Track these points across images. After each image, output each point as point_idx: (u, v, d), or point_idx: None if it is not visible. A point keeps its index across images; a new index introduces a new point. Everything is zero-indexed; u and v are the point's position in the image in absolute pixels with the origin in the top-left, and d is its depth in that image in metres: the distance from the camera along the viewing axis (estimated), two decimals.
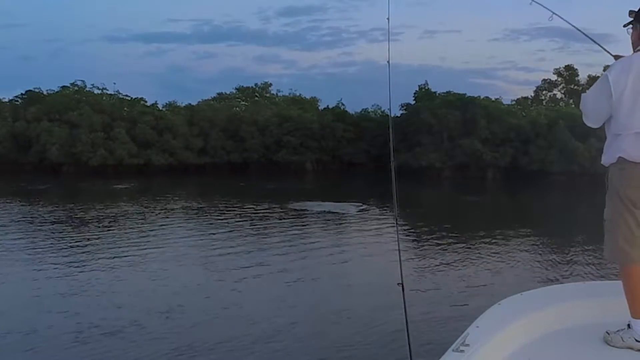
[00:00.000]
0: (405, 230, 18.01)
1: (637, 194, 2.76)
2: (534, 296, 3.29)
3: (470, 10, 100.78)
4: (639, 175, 2.74)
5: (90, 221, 19.50)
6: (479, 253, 14.43)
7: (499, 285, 11.07)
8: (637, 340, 2.73)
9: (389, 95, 4.86)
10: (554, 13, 3.88)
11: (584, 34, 3.90)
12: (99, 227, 18.39)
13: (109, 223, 19.21)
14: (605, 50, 3.37)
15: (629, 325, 2.79)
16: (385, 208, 22.82)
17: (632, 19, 2.84)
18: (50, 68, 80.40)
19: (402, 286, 2.88)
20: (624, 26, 2.89)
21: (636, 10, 2.81)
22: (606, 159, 2.89)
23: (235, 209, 23.09)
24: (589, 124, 2.93)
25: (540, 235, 17.16)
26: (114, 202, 25.03)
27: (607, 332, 2.83)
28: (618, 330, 2.79)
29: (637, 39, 2.81)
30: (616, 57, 2.98)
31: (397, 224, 5.25)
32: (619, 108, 2.74)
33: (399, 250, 3.75)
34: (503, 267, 12.89)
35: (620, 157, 2.78)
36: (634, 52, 2.84)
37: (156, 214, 21.74)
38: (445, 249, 15.02)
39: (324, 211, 22.37)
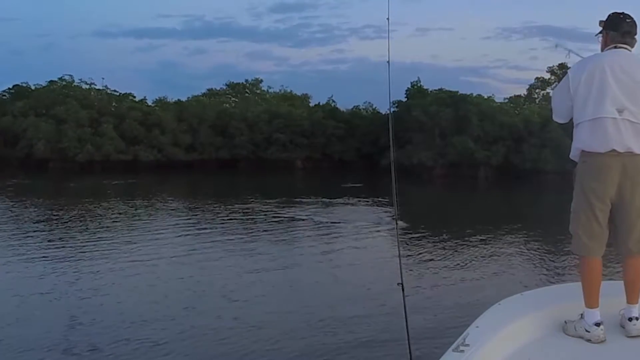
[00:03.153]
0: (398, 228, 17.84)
1: (598, 185, 2.91)
2: (534, 296, 3.33)
3: (463, 8, 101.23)
4: (599, 166, 2.90)
5: (74, 219, 19.16)
6: (473, 252, 14.26)
7: (494, 284, 10.93)
8: (587, 331, 2.86)
9: (388, 95, 4.96)
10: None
11: None
12: (83, 224, 18.07)
13: (93, 220, 18.92)
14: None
15: (581, 316, 2.92)
16: (376, 206, 22.71)
17: (601, 28, 3.11)
18: (41, 63, 79.80)
19: (402, 286, 2.83)
20: (595, 35, 3.15)
21: (604, 20, 3.10)
22: (572, 153, 3.09)
23: (224, 206, 22.85)
24: (556, 119, 3.21)
25: (536, 234, 17.01)
26: (99, 199, 24.69)
27: (565, 321, 2.97)
28: (573, 320, 2.94)
29: (603, 44, 3.10)
30: None
31: (397, 225, 5.15)
32: (575, 100, 2.99)
33: (398, 250, 3.61)
34: (499, 266, 12.74)
35: (580, 148, 2.99)
36: None
37: (142, 211, 21.48)
38: (438, 248, 14.85)
39: (314, 209, 22.21)
